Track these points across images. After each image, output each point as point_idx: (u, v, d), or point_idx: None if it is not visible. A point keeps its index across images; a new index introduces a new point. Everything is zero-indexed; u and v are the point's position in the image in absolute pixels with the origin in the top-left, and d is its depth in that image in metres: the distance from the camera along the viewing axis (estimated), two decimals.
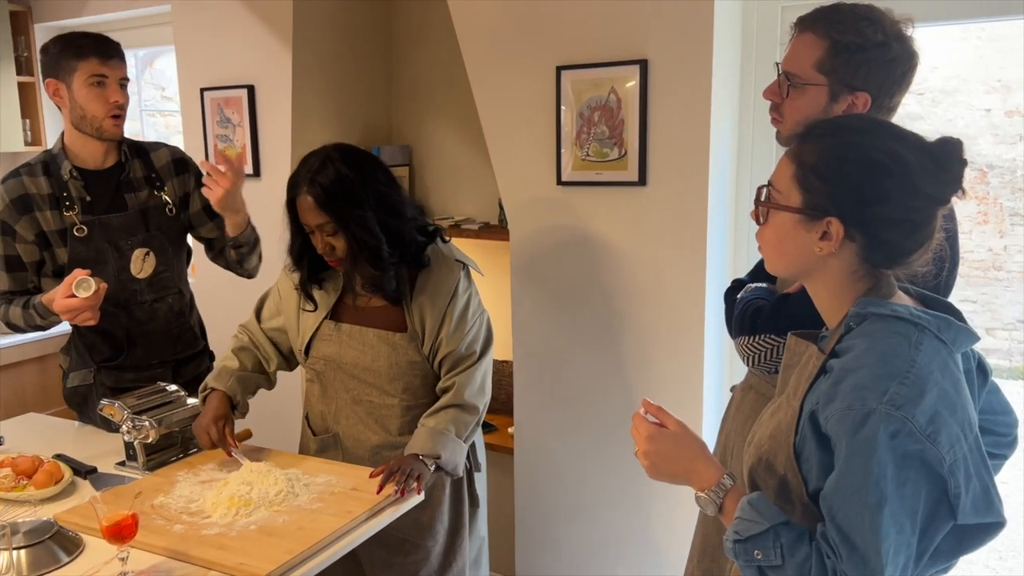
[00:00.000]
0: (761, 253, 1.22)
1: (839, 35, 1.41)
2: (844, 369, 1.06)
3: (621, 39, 2.25)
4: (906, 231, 1.08)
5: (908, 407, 1.00)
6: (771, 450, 1.14)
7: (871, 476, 0.99)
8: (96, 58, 2.03)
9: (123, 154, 2.18)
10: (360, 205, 1.80)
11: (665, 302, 2.32)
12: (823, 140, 1.12)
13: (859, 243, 1.10)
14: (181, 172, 2.26)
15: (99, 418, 2.05)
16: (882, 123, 1.19)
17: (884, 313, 1.08)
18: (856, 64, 1.41)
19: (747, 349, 1.55)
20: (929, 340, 1.06)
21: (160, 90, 3.99)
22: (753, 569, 1.08)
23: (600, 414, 2.49)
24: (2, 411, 3.29)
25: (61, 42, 2.07)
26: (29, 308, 2.08)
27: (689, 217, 2.24)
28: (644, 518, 2.47)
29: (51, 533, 1.51)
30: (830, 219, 1.09)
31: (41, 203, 2.09)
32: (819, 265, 1.13)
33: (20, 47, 3.66)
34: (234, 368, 2.02)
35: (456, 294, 1.91)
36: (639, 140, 2.25)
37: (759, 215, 1.18)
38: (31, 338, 3.43)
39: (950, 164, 1.07)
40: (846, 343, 1.10)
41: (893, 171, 1.06)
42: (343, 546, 1.58)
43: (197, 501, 1.70)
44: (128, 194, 2.17)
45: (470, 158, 3.04)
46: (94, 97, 2.05)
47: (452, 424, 1.87)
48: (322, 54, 2.95)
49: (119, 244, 2.13)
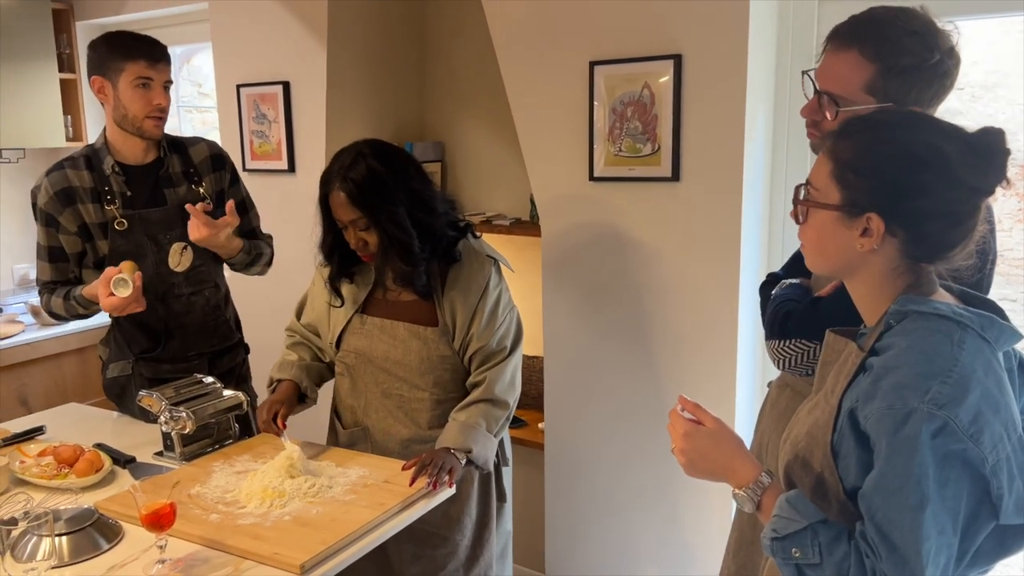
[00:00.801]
0: (803, 252, 1.20)
1: (892, 58, 1.34)
2: (885, 367, 1.04)
3: (655, 34, 2.24)
4: (949, 224, 1.06)
5: (951, 406, 0.99)
6: (808, 447, 1.13)
7: (912, 476, 0.98)
8: (144, 60, 2.06)
9: (163, 150, 2.21)
10: (392, 200, 1.81)
11: (698, 298, 2.31)
12: (860, 136, 1.11)
13: (900, 238, 1.08)
14: (218, 168, 2.30)
15: (137, 409, 2.08)
16: (919, 116, 1.17)
17: (926, 311, 1.06)
18: (909, 84, 1.35)
19: (777, 353, 1.53)
20: (972, 338, 1.04)
21: (197, 86, 4.04)
22: (791, 567, 1.07)
23: (631, 410, 2.48)
24: (44, 401, 3.37)
25: (110, 41, 2.10)
26: (71, 300, 2.13)
27: (723, 213, 2.22)
28: (675, 515, 2.46)
29: (92, 520, 1.55)
30: (870, 215, 1.07)
31: (84, 196, 2.13)
32: (861, 262, 1.11)
33: (62, 44, 3.73)
34: (294, 360, 2.05)
35: (487, 289, 1.92)
36: (672, 135, 2.24)
37: (798, 214, 1.17)
38: (71, 329, 3.50)
39: (992, 154, 1.05)
40: (886, 341, 1.08)
41: (932, 164, 1.04)
42: (376, 537, 1.60)
43: (232, 491, 1.73)
44: (167, 189, 2.21)
45: (502, 154, 3.04)
46: (138, 98, 2.08)
47: (483, 419, 1.88)
48: (356, 51, 2.97)
49: (158, 238, 2.17)
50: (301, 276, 2.93)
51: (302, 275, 2.95)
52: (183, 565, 1.47)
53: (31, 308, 3.54)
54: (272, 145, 3.09)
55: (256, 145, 3.13)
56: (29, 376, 3.41)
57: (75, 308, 2.15)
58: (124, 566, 1.47)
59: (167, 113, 2.15)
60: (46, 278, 2.20)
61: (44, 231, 2.16)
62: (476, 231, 2.02)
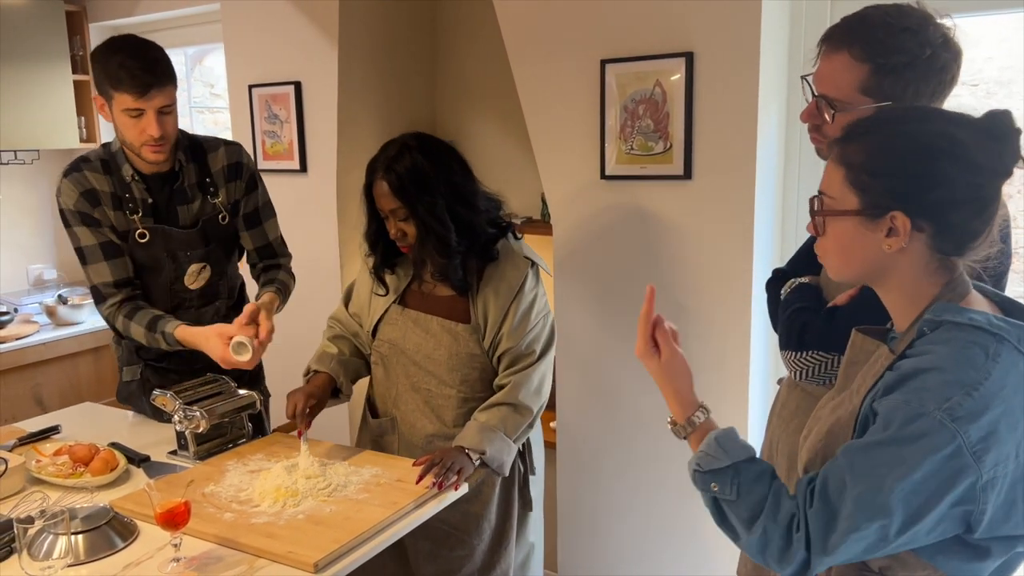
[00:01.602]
0: (824, 263, 1.18)
1: (883, 57, 1.33)
2: (916, 368, 1.02)
3: (666, 31, 2.23)
4: (973, 211, 1.04)
5: (964, 421, 0.97)
6: (829, 444, 1.12)
7: (901, 468, 0.98)
8: (130, 94, 1.89)
9: (178, 161, 2.09)
10: (432, 193, 1.83)
11: (710, 297, 2.30)
12: (868, 137, 1.09)
13: (928, 232, 1.05)
14: (234, 178, 2.19)
15: (151, 408, 2.09)
16: (924, 108, 1.16)
17: (961, 321, 1.03)
18: (905, 81, 1.34)
19: (794, 364, 1.52)
20: (1008, 352, 1.02)
21: (209, 87, 4.06)
22: (708, 499, 1.14)
23: (644, 409, 2.48)
24: (59, 401, 3.39)
25: (102, 61, 1.93)
26: (156, 332, 2.01)
27: (735, 211, 2.22)
28: (689, 513, 2.45)
29: (107, 519, 1.56)
30: (894, 213, 1.05)
31: (105, 200, 2.04)
32: (889, 264, 1.09)
33: (75, 46, 3.76)
34: (333, 353, 2.06)
35: (522, 291, 1.91)
36: (684, 133, 2.23)
37: (816, 227, 1.14)
38: (86, 329, 3.53)
39: (1005, 135, 1.04)
40: (918, 347, 1.06)
41: (949, 152, 1.03)
42: (388, 536, 1.60)
43: (246, 490, 1.74)
44: (180, 206, 2.11)
45: (513, 153, 3.04)
46: (130, 127, 1.95)
47: (503, 422, 1.87)
48: (367, 51, 2.97)
49: (177, 255, 2.11)
50: (313, 276, 2.95)
51: (314, 275, 2.96)
52: (197, 563, 1.48)
53: (46, 308, 3.56)
54: (284, 145, 3.10)
55: (268, 145, 3.15)
56: (44, 376, 3.43)
57: (159, 343, 2.02)
58: (139, 564, 1.48)
59: (169, 138, 1.99)
60: (105, 279, 2.05)
61: (85, 231, 2.04)
62: (518, 232, 2.01)
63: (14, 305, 3.66)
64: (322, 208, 3.00)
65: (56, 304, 3.57)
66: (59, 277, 4.01)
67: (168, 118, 1.97)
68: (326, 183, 3.01)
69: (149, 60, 1.91)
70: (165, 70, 1.94)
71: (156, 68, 1.92)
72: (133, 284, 2.09)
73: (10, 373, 3.30)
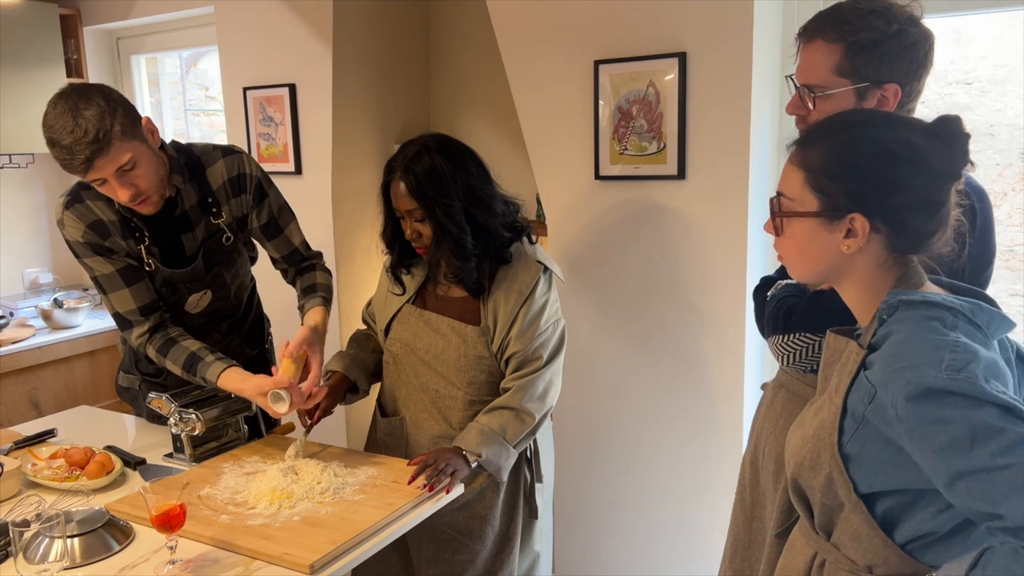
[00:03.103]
0: (784, 263, 1.22)
1: (852, 35, 1.39)
2: (889, 356, 1.04)
3: (659, 32, 2.24)
4: (929, 213, 1.08)
5: (968, 368, 0.97)
6: (815, 448, 1.13)
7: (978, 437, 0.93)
8: (77, 175, 1.75)
9: (173, 187, 1.93)
10: (448, 194, 1.83)
11: (705, 296, 2.31)
12: (827, 140, 1.12)
13: (884, 233, 1.10)
14: (239, 192, 2.03)
15: (147, 411, 2.09)
16: (881, 113, 1.21)
17: (915, 300, 1.07)
18: (878, 59, 1.38)
19: (781, 348, 1.54)
20: (964, 324, 1.04)
21: (204, 90, 4.06)
22: None
23: (638, 409, 2.48)
24: (55, 404, 3.39)
25: (46, 140, 1.74)
26: (195, 374, 1.93)
27: (729, 210, 2.22)
28: (685, 514, 2.46)
29: (103, 522, 1.55)
30: (853, 215, 1.09)
31: (114, 229, 1.92)
32: (847, 264, 1.13)
33: (70, 49, 3.75)
34: (350, 352, 2.07)
35: (532, 296, 1.89)
36: (678, 133, 2.24)
37: (776, 227, 1.18)
38: (81, 333, 3.53)
39: (955, 139, 1.08)
40: (881, 333, 1.09)
41: (908, 158, 1.07)
42: (384, 537, 1.60)
43: (242, 492, 1.74)
44: (184, 234, 1.99)
45: (507, 153, 3.04)
46: (105, 191, 1.81)
47: (503, 426, 1.85)
48: (362, 53, 2.98)
49: (178, 287, 2.02)
50: None
51: None
52: (194, 566, 1.48)
53: (42, 312, 3.56)
54: (279, 147, 3.10)
55: (263, 148, 3.15)
56: (40, 379, 3.43)
57: (195, 382, 1.96)
58: (135, 567, 1.48)
59: (148, 190, 1.81)
60: (130, 306, 1.94)
61: (99, 260, 1.92)
62: (534, 235, 2.00)
63: (9, 309, 3.66)
64: (318, 210, 3.00)
65: (52, 308, 3.56)
66: (55, 281, 4.01)
67: (134, 173, 1.77)
68: (321, 185, 3.01)
69: (78, 132, 1.67)
70: (102, 133, 1.68)
71: (85, 137, 1.67)
72: (159, 308, 1.98)
73: (6, 377, 3.29)
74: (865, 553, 1.12)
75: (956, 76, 2.22)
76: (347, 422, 3.05)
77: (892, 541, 1.09)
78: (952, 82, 2.23)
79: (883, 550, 1.10)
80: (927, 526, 1.07)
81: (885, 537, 1.09)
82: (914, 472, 1.03)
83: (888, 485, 1.07)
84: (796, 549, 1.26)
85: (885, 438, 1.05)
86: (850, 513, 1.09)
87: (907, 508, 1.08)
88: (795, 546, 1.27)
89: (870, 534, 1.10)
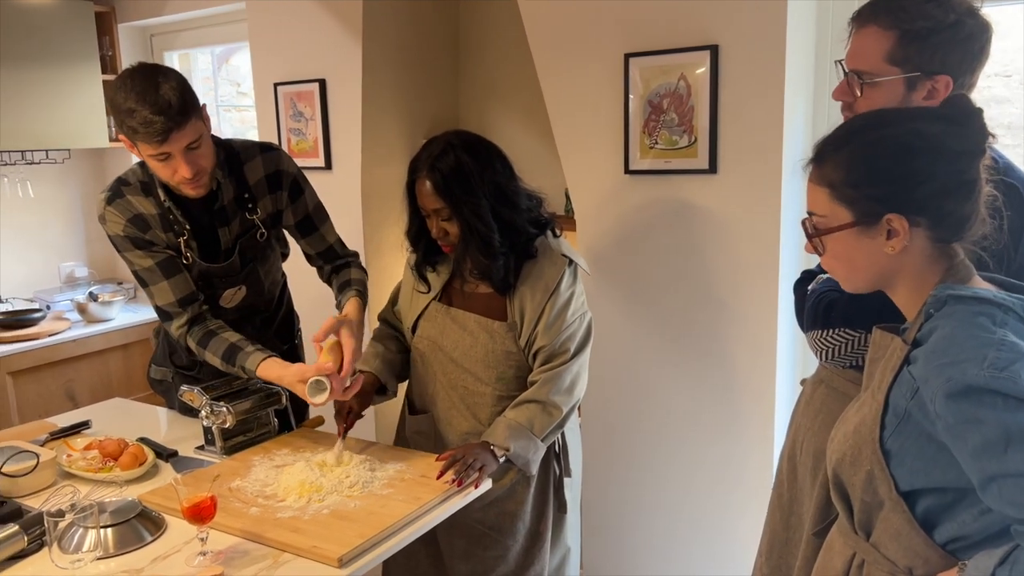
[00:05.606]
0: (835, 278, 1.22)
1: (907, 23, 1.36)
2: (933, 351, 1.03)
3: (690, 25, 2.21)
4: (963, 195, 1.08)
5: (1011, 367, 0.96)
6: (856, 444, 1.12)
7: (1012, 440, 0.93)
8: (149, 144, 1.77)
9: (215, 180, 1.96)
10: (475, 193, 1.82)
11: (737, 292, 2.28)
12: (839, 152, 1.13)
13: (925, 225, 1.09)
14: (275, 189, 2.07)
15: (179, 403, 2.11)
16: (887, 111, 1.19)
17: (965, 295, 1.05)
18: (931, 49, 1.35)
19: (820, 343, 1.51)
20: (1015, 322, 1.02)
21: (236, 86, 4.09)
22: None
23: (669, 406, 2.46)
24: (89, 396, 3.45)
25: (114, 106, 1.79)
26: (235, 365, 1.94)
27: (762, 205, 2.19)
28: (715, 512, 2.43)
29: (136, 513, 1.57)
30: (889, 216, 1.08)
31: (153, 223, 1.97)
32: (895, 265, 1.12)
33: (105, 46, 3.80)
34: (378, 352, 2.07)
35: (558, 289, 1.88)
36: (709, 127, 2.21)
37: (816, 248, 1.18)
38: (116, 326, 3.58)
39: (968, 117, 1.08)
40: (927, 328, 1.07)
41: (923, 147, 1.07)
42: (413, 531, 1.60)
43: (272, 485, 1.75)
44: (221, 228, 2.02)
45: (536, 148, 3.03)
46: (161, 168, 1.85)
47: (531, 420, 1.85)
48: (391, 48, 2.98)
49: (213, 282, 2.06)
50: None
51: None
52: (224, 557, 1.49)
53: (77, 305, 3.62)
54: (309, 143, 3.12)
55: (293, 143, 3.16)
56: (76, 371, 3.49)
57: (238, 374, 1.97)
58: (167, 558, 1.50)
59: (204, 172, 1.87)
60: (170, 299, 1.98)
61: (139, 253, 1.96)
62: (558, 229, 1.99)
63: (46, 302, 3.72)
64: (347, 205, 3.01)
65: (87, 301, 3.62)
66: (90, 274, 4.07)
67: (198, 152, 1.83)
68: (351, 180, 3.02)
69: (161, 103, 1.73)
70: (182, 107, 1.75)
71: (169, 110, 1.73)
72: (198, 299, 2.01)
73: (43, 369, 3.35)
74: (905, 553, 1.09)
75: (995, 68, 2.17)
76: (376, 418, 3.06)
77: (933, 541, 1.07)
78: (991, 74, 2.18)
79: (924, 550, 1.08)
80: (968, 527, 1.05)
81: (926, 537, 1.07)
82: (955, 470, 1.01)
83: (929, 483, 1.05)
84: (834, 549, 1.24)
85: (927, 434, 1.03)
86: (890, 512, 1.07)
87: (948, 508, 1.06)
88: (833, 546, 1.25)
89: (910, 533, 1.08)
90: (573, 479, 2.05)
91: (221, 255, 2.05)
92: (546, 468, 1.97)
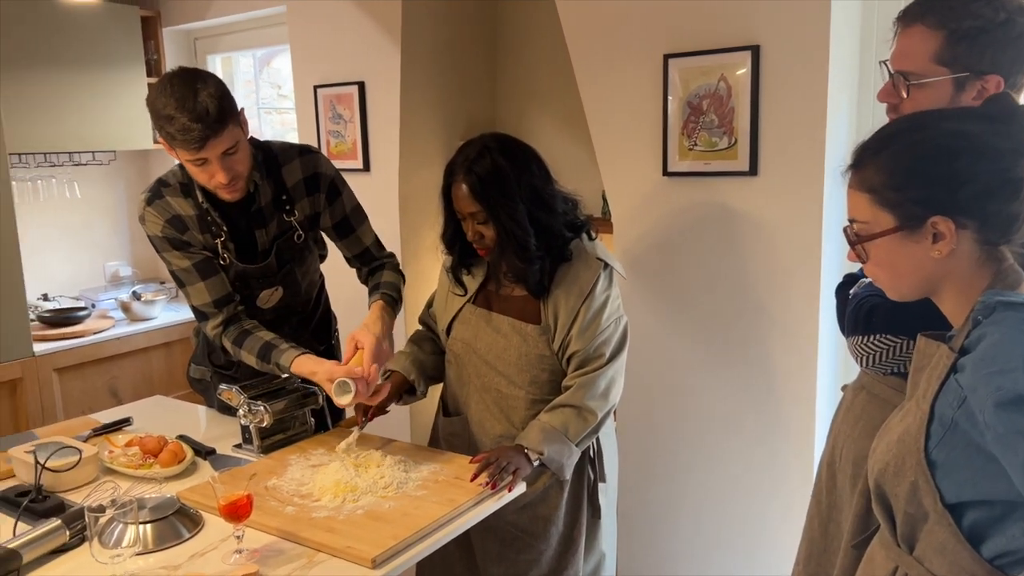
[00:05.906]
0: (879, 286, 1.19)
1: (955, 22, 1.32)
2: (982, 359, 1.00)
3: (731, 25, 2.18)
4: (1009, 194, 1.05)
5: None
6: (899, 454, 1.09)
7: None
8: (186, 150, 1.80)
9: (252, 183, 1.98)
10: (512, 197, 1.80)
11: (777, 296, 2.24)
12: (879, 156, 1.10)
13: (971, 227, 1.06)
14: (312, 191, 2.08)
15: (217, 402, 2.14)
16: (926, 113, 1.16)
17: (1016, 301, 1.02)
18: (981, 48, 1.31)
19: (860, 349, 1.48)
20: None
21: (276, 88, 4.14)
22: None
23: (707, 411, 2.43)
24: (132, 393, 3.51)
25: (153, 111, 1.82)
26: (270, 363, 1.95)
27: (803, 208, 2.15)
28: (751, 518, 2.40)
29: (174, 510, 1.60)
30: (934, 219, 1.06)
31: (191, 224, 1.99)
32: (942, 270, 1.09)
33: (150, 50, 3.87)
34: (410, 353, 2.08)
35: (593, 293, 1.86)
36: (750, 128, 2.18)
37: (859, 255, 1.16)
38: (158, 325, 3.64)
39: (1012, 115, 1.05)
40: (975, 336, 1.03)
41: (964, 148, 1.04)
42: (447, 533, 1.60)
43: (307, 485, 1.76)
44: (258, 230, 2.04)
45: (573, 149, 3.02)
46: (198, 173, 1.88)
47: (565, 424, 1.83)
48: (429, 51, 2.99)
49: (250, 283, 2.08)
50: None
51: None
52: (259, 556, 1.50)
53: (121, 304, 3.69)
54: (348, 144, 3.14)
55: (332, 145, 3.19)
56: (119, 369, 3.55)
57: (272, 371, 1.99)
58: (204, 555, 1.51)
59: (240, 176, 1.89)
60: (206, 299, 1.99)
61: (176, 254, 1.99)
62: (594, 232, 1.97)
63: (91, 301, 3.80)
64: (385, 207, 3.03)
65: (131, 300, 3.68)
66: (134, 274, 4.15)
67: (235, 157, 1.85)
68: (389, 182, 3.04)
69: (199, 111, 1.75)
70: (219, 114, 1.77)
71: (207, 117, 1.75)
72: (234, 300, 2.03)
73: (88, 366, 3.42)
74: (951, 568, 1.06)
75: None
76: (411, 419, 3.07)
77: (980, 556, 1.04)
78: None
79: (971, 565, 1.04)
80: (1017, 542, 1.01)
81: (973, 551, 1.04)
82: (1005, 482, 0.98)
83: (976, 495, 1.02)
84: (875, 563, 1.21)
85: (975, 445, 1.00)
86: (935, 524, 1.04)
87: (996, 522, 1.02)
88: (874, 559, 1.22)
89: (956, 548, 1.05)
90: (608, 484, 2.03)
91: (258, 256, 2.07)
92: (580, 473, 1.95)
